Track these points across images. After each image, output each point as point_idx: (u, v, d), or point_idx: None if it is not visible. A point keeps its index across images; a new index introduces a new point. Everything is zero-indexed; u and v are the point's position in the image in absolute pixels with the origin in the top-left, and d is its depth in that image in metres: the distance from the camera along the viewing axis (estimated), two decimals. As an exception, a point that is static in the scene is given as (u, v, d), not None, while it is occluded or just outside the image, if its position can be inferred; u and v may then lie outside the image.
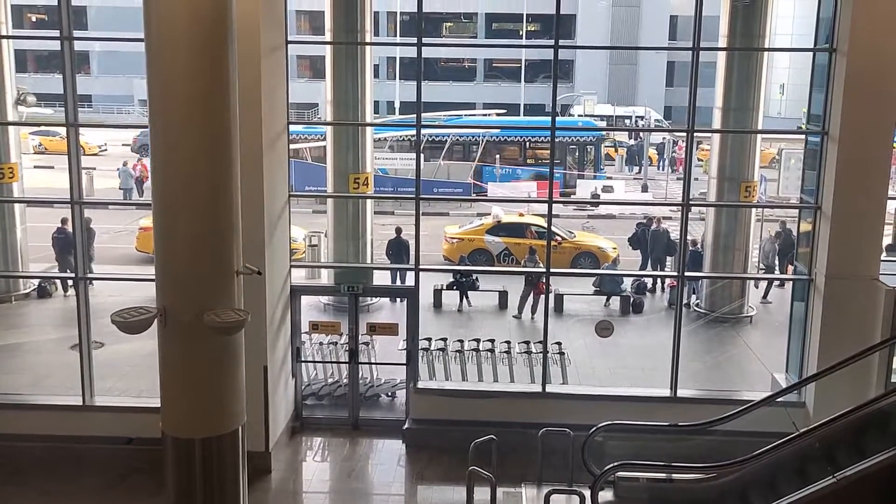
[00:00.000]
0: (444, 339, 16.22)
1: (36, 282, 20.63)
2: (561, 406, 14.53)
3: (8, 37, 19.74)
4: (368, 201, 19.58)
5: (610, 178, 37.28)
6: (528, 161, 37.52)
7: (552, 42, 14.90)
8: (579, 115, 43.80)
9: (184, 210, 8.70)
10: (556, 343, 16.16)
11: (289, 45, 14.07)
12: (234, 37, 8.74)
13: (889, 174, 14.03)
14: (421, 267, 15.15)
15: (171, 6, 8.37)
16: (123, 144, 43.63)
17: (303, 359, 15.63)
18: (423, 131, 23.23)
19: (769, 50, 23.39)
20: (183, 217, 8.72)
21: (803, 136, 15.95)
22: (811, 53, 14.73)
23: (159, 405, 9.28)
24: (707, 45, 16.44)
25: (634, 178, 39.27)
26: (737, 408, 12.53)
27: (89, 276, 15.38)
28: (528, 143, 37.47)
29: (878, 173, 13.68)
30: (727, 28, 19.15)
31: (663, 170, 39.74)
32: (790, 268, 20.05)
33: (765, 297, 21.81)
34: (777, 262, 22.79)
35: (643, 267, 23.58)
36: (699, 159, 29.36)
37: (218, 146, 8.71)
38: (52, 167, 35.12)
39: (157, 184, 8.83)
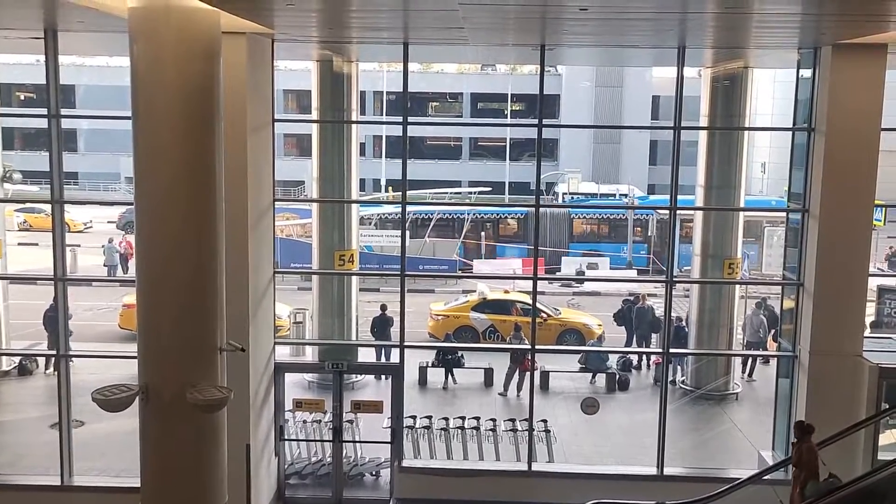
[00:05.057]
0: (430, 417, 16.09)
1: (17, 359, 20.41)
2: (547, 484, 14.40)
3: (-4, 115, 19.95)
4: (353, 278, 19.58)
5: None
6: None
7: (536, 121, 15.12)
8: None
9: (168, 286, 8.70)
10: (542, 420, 16.05)
11: (275, 123, 14.26)
12: (221, 114, 8.85)
13: (870, 251, 14.18)
14: (406, 344, 15.14)
15: (158, 84, 8.48)
16: (109, 221, 43.66)
17: (286, 437, 15.45)
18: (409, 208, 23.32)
19: (749, 129, 23.76)
20: (167, 293, 8.71)
21: (785, 214, 16.14)
22: (790, 133, 15.01)
23: (139, 485, 9.14)
24: (688, 124, 16.71)
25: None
26: (724, 486, 12.45)
27: (71, 353, 15.25)
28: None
29: (858, 250, 13.85)
30: (708, 108, 19.46)
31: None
32: (774, 344, 20.02)
33: (750, 375, 21.64)
34: (768, 335, 22.22)
35: (628, 344, 23.54)
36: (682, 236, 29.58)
37: (203, 223, 8.75)
38: (37, 244, 35.01)
39: (141, 260, 8.84)
